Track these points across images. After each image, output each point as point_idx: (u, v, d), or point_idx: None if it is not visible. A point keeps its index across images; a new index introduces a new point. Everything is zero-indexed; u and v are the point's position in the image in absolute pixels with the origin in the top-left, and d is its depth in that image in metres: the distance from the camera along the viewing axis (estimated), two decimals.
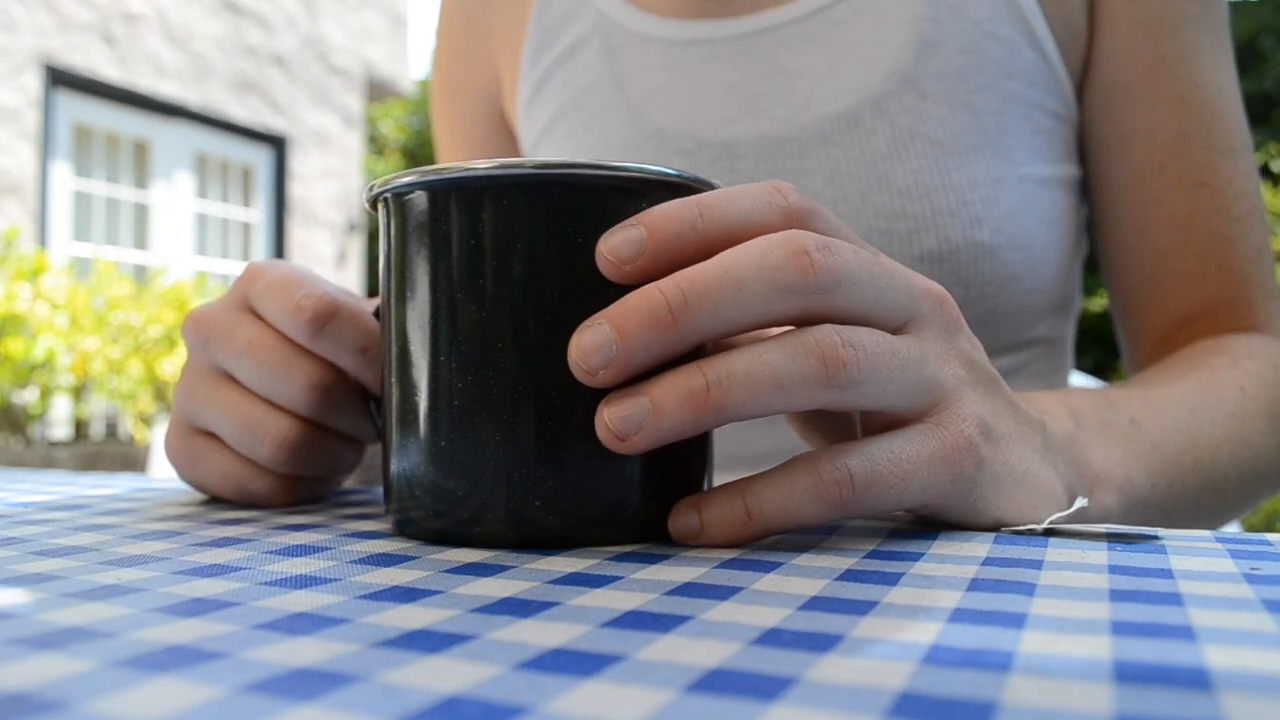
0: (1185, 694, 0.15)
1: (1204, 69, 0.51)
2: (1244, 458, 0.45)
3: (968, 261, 0.49)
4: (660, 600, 0.21)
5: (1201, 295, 0.51)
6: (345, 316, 0.34)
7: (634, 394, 0.25)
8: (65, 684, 0.15)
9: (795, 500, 0.26)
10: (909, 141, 0.50)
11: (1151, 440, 0.39)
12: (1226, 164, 0.51)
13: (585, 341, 0.25)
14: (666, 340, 0.25)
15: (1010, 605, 0.20)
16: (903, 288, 0.27)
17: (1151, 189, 0.51)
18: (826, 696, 0.15)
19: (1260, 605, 0.20)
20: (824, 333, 0.25)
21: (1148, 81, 0.51)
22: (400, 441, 0.29)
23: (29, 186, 4.55)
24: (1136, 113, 0.52)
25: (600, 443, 0.26)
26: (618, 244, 0.26)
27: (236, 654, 0.17)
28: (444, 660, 0.17)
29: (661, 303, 0.25)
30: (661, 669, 0.16)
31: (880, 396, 0.26)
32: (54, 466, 3.38)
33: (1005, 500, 0.29)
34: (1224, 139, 0.51)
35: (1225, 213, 0.50)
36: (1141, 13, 0.51)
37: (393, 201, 0.29)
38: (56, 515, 0.34)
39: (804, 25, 0.53)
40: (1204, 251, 0.51)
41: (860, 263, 0.26)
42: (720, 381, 0.25)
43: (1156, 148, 0.51)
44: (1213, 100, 0.51)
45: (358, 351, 0.34)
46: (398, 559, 0.26)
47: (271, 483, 0.36)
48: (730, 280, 0.25)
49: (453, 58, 0.69)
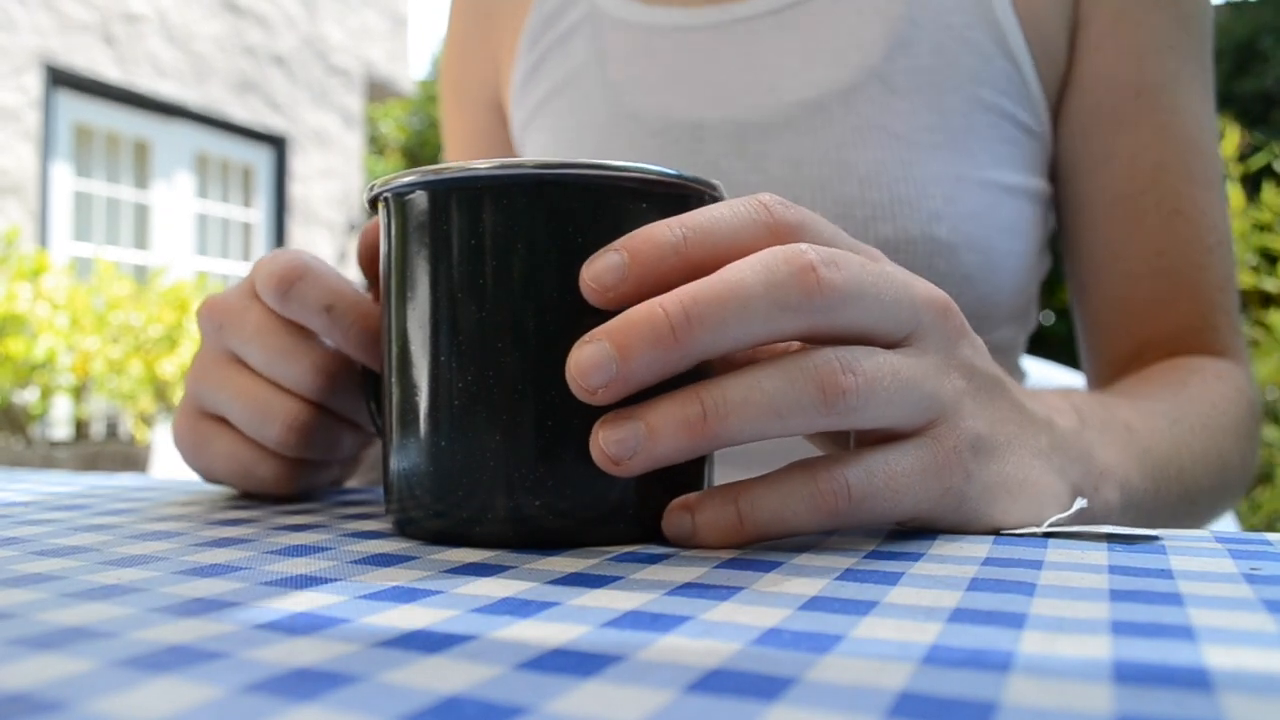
0: (1185, 694, 0.15)
1: (1185, 98, 0.52)
2: (1216, 469, 0.46)
3: (924, 255, 0.49)
4: (660, 600, 0.21)
5: (1170, 320, 0.52)
6: (310, 278, 0.34)
7: (630, 417, 0.25)
8: (65, 684, 0.15)
9: (790, 508, 0.26)
10: (871, 132, 0.50)
11: (1143, 445, 0.40)
12: (1203, 195, 0.52)
13: (584, 359, 0.24)
14: (668, 359, 0.24)
15: (1010, 605, 0.20)
16: (905, 300, 0.27)
17: (1128, 214, 0.52)
18: (826, 696, 0.15)
19: (1260, 605, 0.20)
20: (823, 359, 0.25)
21: (1130, 108, 0.52)
22: (400, 441, 0.29)
23: (29, 186, 4.55)
24: (1117, 138, 0.52)
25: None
26: (600, 270, 0.25)
27: (236, 654, 0.17)
28: (444, 660, 0.17)
29: (664, 321, 0.24)
30: (661, 669, 0.16)
31: (879, 418, 0.26)
32: (54, 466, 3.38)
33: (999, 511, 0.29)
34: (1201, 170, 0.52)
35: (1199, 242, 0.51)
36: (1127, 39, 0.52)
37: (393, 201, 0.29)
38: (57, 515, 0.34)
39: (781, 16, 0.54)
40: (1176, 278, 0.52)
41: (866, 277, 0.26)
42: (717, 409, 0.24)
43: (1136, 173, 0.52)
44: (1191, 131, 0.52)
45: (322, 310, 0.34)
46: (398, 559, 0.26)
47: (276, 467, 0.36)
48: (735, 298, 0.24)
49: (459, 46, 0.70)
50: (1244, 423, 0.49)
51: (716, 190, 0.30)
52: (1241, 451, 0.49)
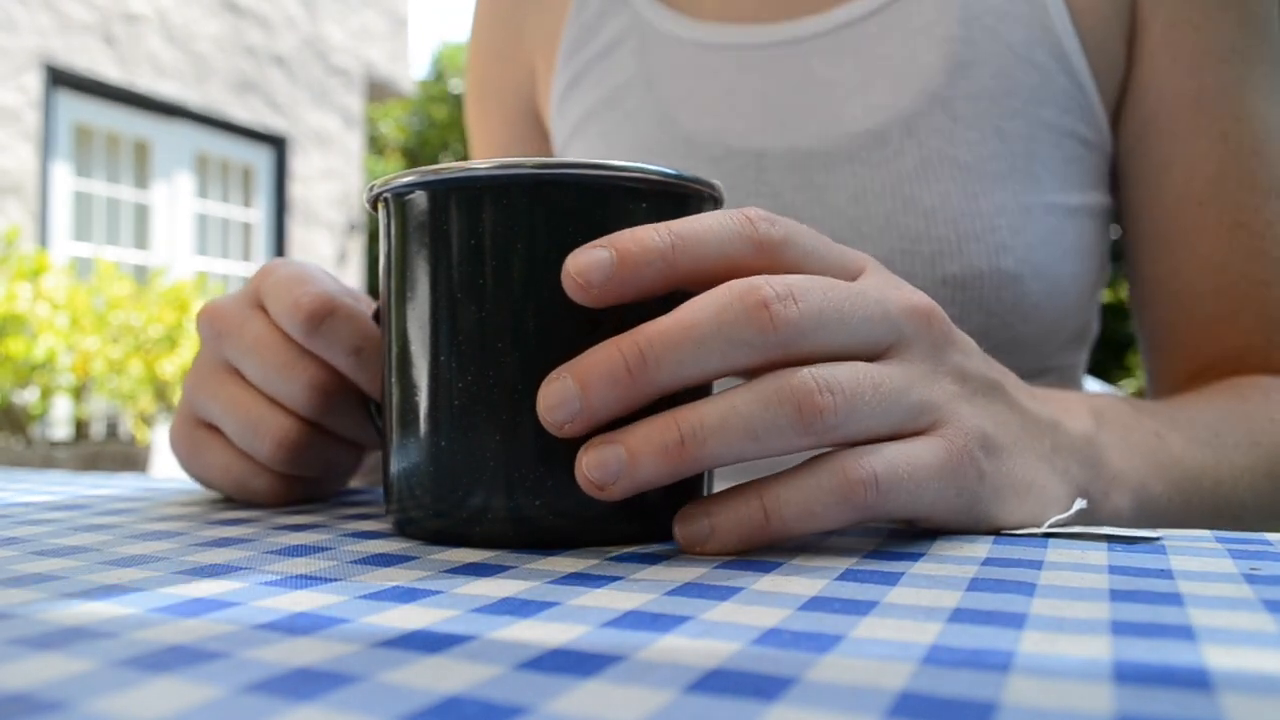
0: (1185, 694, 0.15)
1: (1249, 104, 0.49)
2: (1265, 488, 0.44)
3: (991, 289, 0.48)
4: (660, 600, 0.21)
5: (1233, 339, 0.50)
6: (341, 316, 0.34)
7: (611, 442, 0.25)
8: (65, 684, 0.15)
9: (820, 501, 0.25)
10: (937, 164, 0.49)
11: (1173, 455, 0.39)
12: (1267, 205, 0.49)
13: (550, 395, 0.25)
14: (628, 396, 0.25)
15: (1010, 605, 0.20)
16: (879, 316, 0.27)
17: (1187, 227, 0.50)
18: (826, 696, 0.15)
19: (1260, 605, 0.20)
20: (800, 379, 0.25)
21: (1188, 116, 0.50)
22: (400, 442, 0.29)
23: (29, 186, 4.55)
24: (1175, 148, 0.50)
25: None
26: (586, 266, 0.25)
27: (236, 654, 0.17)
28: (444, 660, 0.17)
29: (620, 362, 0.25)
30: (661, 669, 0.16)
31: (863, 432, 0.26)
32: (54, 466, 3.38)
33: (1006, 513, 0.29)
34: (1266, 178, 0.49)
35: (1264, 256, 0.49)
36: (1185, 45, 0.49)
37: (393, 201, 0.29)
38: (57, 515, 0.34)
39: (837, 37, 0.52)
40: (1239, 296, 0.49)
41: (826, 304, 0.26)
42: (694, 434, 0.25)
43: (1194, 185, 0.50)
44: (1256, 137, 0.49)
45: (352, 351, 0.34)
46: (398, 559, 0.26)
47: (271, 480, 0.36)
48: (689, 339, 0.25)
49: (488, 56, 0.68)
50: None
51: (716, 190, 0.30)
52: None
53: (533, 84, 0.67)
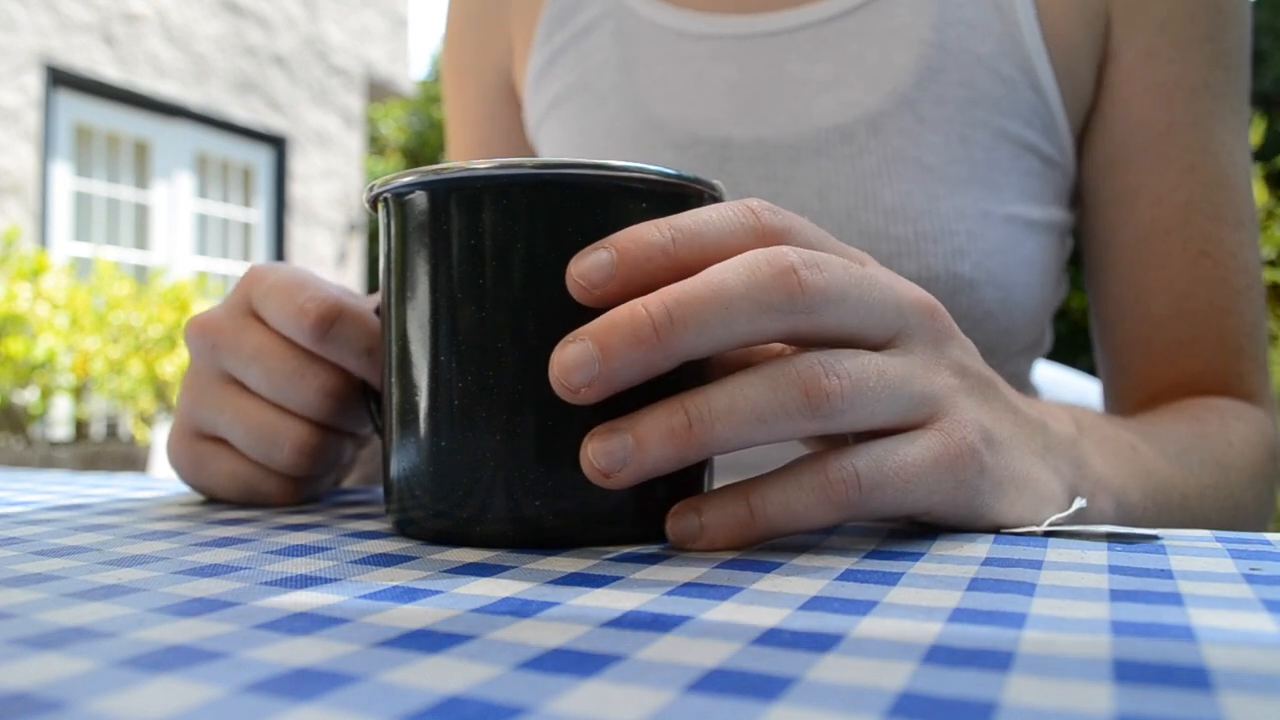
0: (1185, 694, 0.15)
1: (1217, 137, 0.50)
2: (1226, 506, 0.45)
3: (946, 293, 0.49)
4: (660, 600, 0.21)
5: (1193, 365, 0.51)
6: (349, 319, 0.34)
7: (618, 430, 0.25)
8: (65, 684, 0.15)
9: (801, 500, 0.26)
10: (900, 164, 0.49)
11: (1147, 466, 0.39)
12: (1232, 236, 0.50)
13: (567, 358, 0.24)
14: (650, 359, 0.24)
15: (1010, 605, 0.20)
16: (890, 302, 0.27)
17: (1153, 254, 0.51)
18: (826, 696, 0.15)
19: (1260, 605, 0.20)
20: (806, 364, 0.25)
21: (1158, 146, 0.50)
22: (400, 441, 0.29)
23: (29, 186, 4.55)
24: (1144, 176, 0.51)
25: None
26: (587, 268, 0.25)
27: (236, 654, 0.17)
28: (444, 660, 0.17)
29: (646, 321, 0.24)
30: (661, 669, 0.16)
31: (868, 419, 0.26)
32: (54, 466, 3.38)
33: (1006, 506, 0.29)
34: (1232, 210, 0.50)
35: (1226, 285, 0.50)
36: (1158, 77, 0.50)
37: (393, 201, 0.29)
38: (57, 515, 0.34)
39: (814, 32, 0.53)
40: (1201, 323, 0.50)
41: (848, 279, 0.26)
42: (702, 418, 0.25)
43: (1162, 213, 0.50)
44: (1223, 170, 0.50)
45: (363, 353, 0.34)
46: (398, 559, 0.26)
47: (281, 484, 0.36)
48: (717, 299, 0.24)
49: (466, 28, 0.68)
50: (1261, 465, 0.48)
51: (716, 190, 0.30)
52: (1257, 493, 0.47)
53: (510, 58, 0.67)
